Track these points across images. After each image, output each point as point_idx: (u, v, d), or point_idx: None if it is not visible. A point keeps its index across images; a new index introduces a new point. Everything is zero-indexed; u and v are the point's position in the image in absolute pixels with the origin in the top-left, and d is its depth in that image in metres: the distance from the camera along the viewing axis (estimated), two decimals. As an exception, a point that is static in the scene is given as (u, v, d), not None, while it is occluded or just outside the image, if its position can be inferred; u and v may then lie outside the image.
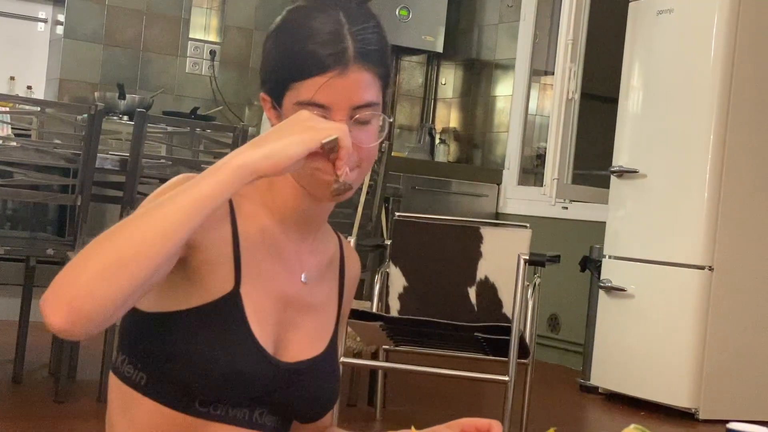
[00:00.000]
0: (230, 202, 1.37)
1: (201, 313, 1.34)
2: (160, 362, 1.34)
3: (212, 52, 6.32)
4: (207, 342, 1.32)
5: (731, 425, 1.20)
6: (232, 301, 1.34)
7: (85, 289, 1.14)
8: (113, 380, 1.40)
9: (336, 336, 1.50)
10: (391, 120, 1.35)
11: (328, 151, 1.24)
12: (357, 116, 1.34)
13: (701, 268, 4.45)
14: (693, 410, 4.41)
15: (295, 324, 1.43)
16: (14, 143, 3.68)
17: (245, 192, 1.39)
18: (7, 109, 3.91)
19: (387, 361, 3.80)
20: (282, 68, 1.36)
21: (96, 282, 1.14)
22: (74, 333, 1.15)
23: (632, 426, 1.13)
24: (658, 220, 4.62)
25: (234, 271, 1.35)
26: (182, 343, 1.33)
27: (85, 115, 3.65)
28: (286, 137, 1.22)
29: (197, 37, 6.31)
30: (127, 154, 3.76)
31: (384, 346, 3.68)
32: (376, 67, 1.36)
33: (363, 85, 1.34)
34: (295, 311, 1.43)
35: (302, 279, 1.43)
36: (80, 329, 1.15)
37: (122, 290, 1.15)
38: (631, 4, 4.90)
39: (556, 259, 3.59)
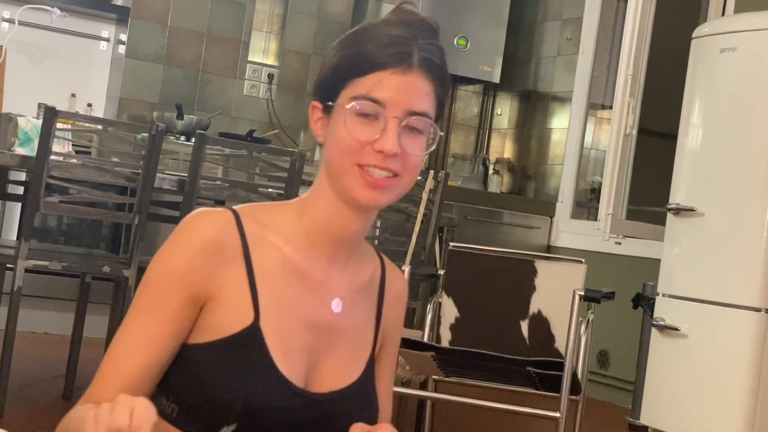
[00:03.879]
0: (243, 237, 1.36)
1: (222, 346, 1.34)
2: (188, 394, 1.34)
3: (270, 76, 6.37)
4: (227, 375, 1.32)
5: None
6: (252, 334, 1.34)
7: None
8: None
9: (373, 361, 1.47)
10: (441, 134, 1.35)
11: None
12: (410, 121, 1.33)
13: (758, 310, 4.37)
14: (745, 454, 4.33)
15: (327, 351, 1.41)
16: (75, 160, 3.72)
17: (268, 221, 1.39)
18: (69, 126, 3.96)
19: (436, 391, 3.78)
20: (342, 67, 1.35)
21: None
22: None
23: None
24: (714, 260, 4.56)
25: (252, 305, 1.35)
26: (206, 376, 1.33)
27: (145, 135, 3.69)
28: None
29: (256, 60, 6.36)
30: (184, 174, 3.78)
31: (434, 376, 3.66)
32: (435, 81, 1.36)
33: (422, 91, 1.34)
34: (325, 338, 1.41)
35: (333, 304, 1.42)
36: None
37: None
38: (693, 41, 4.85)
39: (611, 295, 3.55)
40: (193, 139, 3.82)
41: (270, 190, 4.04)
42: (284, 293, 1.37)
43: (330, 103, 1.36)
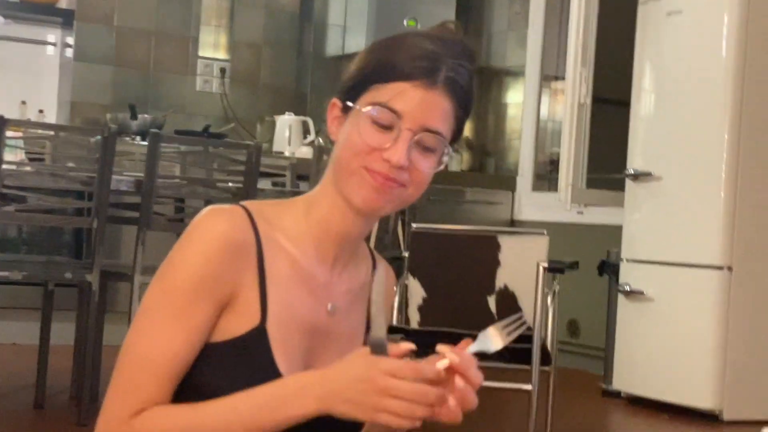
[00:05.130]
0: (257, 237, 1.35)
1: (227, 347, 1.34)
2: (186, 393, 1.33)
3: (222, 70, 6.33)
4: (230, 377, 1.32)
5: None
6: (257, 337, 1.34)
7: None
8: None
9: None
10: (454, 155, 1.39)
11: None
12: (423, 137, 1.33)
13: (720, 268, 4.42)
14: (717, 411, 4.38)
15: (322, 355, 1.41)
16: (28, 168, 3.69)
17: (276, 221, 1.39)
18: (20, 134, 3.91)
19: (408, 373, 3.78)
20: (367, 70, 1.36)
21: None
22: None
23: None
24: (674, 222, 4.60)
25: (260, 307, 1.35)
26: (207, 376, 1.33)
27: (99, 138, 3.66)
28: (381, 410, 1.19)
29: (207, 55, 6.32)
30: (142, 175, 3.76)
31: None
32: (457, 102, 1.35)
33: (442, 111, 1.33)
34: (321, 342, 1.41)
35: (328, 308, 1.42)
36: None
37: None
38: (640, 7, 4.88)
39: (575, 265, 3.57)
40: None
41: (230, 185, 4.03)
42: (290, 297, 1.37)
43: (349, 103, 1.36)
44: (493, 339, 1.27)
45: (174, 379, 1.31)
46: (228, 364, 1.33)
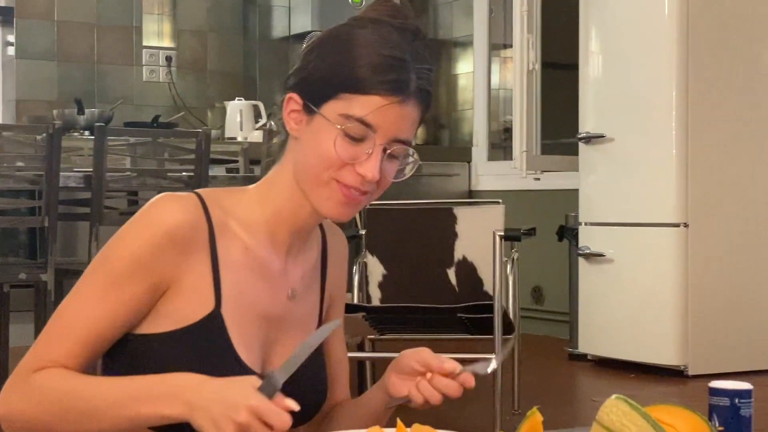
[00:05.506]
0: (210, 224, 1.36)
1: (183, 335, 1.33)
2: None
3: (168, 58, 6.27)
4: (189, 364, 1.31)
5: (713, 384, 1.19)
6: (213, 322, 1.34)
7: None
8: None
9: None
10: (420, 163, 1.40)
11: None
12: (394, 150, 1.34)
13: (676, 225, 4.45)
14: (682, 367, 4.42)
15: (280, 342, 1.42)
16: (-25, 170, 3.63)
17: (231, 208, 1.38)
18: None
19: (373, 351, 3.79)
20: (336, 75, 1.33)
21: None
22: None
23: (614, 396, 1.11)
24: (629, 183, 4.62)
25: (214, 293, 1.35)
26: (164, 366, 1.32)
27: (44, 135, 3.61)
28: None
29: (151, 44, 6.25)
30: (91, 170, 3.71)
31: (369, 336, 3.66)
32: (424, 109, 1.37)
33: (411, 121, 1.35)
34: (279, 330, 1.42)
35: (288, 294, 1.42)
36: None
37: None
38: (582, -31, 4.88)
39: (531, 232, 3.57)
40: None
41: (182, 174, 3.99)
42: (244, 285, 1.37)
43: (314, 106, 1.34)
44: None
45: (88, 346, 1.33)
46: (187, 352, 1.33)
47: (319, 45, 1.37)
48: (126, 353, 1.36)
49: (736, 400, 1.20)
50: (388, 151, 1.33)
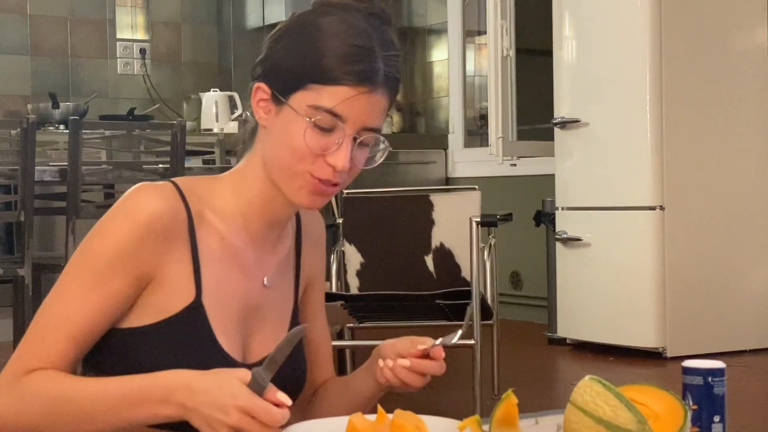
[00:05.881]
0: (189, 213, 1.36)
1: (165, 326, 1.34)
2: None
3: (142, 51, 6.25)
4: (173, 354, 1.32)
5: (686, 363, 1.21)
6: (195, 312, 1.34)
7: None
8: None
9: (296, 314, 1.49)
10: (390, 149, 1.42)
11: None
12: (364, 138, 1.34)
13: (652, 208, 4.48)
14: (660, 349, 4.45)
15: (258, 330, 1.43)
16: (-51, 166, 3.61)
17: (206, 198, 1.39)
18: (-62, 132, 3.82)
19: (353, 339, 3.80)
20: (304, 66, 1.33)
21: None
22: None
23: (587, 377, 1.12)
24: (605, 167, 4.64)
25: (195, 283, 1.35)
26: (148, 358, 1.33)
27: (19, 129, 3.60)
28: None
29: (125, 36, 6.22)
30: (66, 164, 3.70)
31: (348, 325, 3.67)
32: (392, 96, 1.37)
33: (380, 109, 1.35)
34: (256, 318, 1.42)
35: (264, 282, 1.43)
36: None
37: None
38: (554, -45, 4.89)
39: (508, 217, 3.59)
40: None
41: (159, 166, 3.98)
42: (223, 274, 1.38)
43: (282, 97, 1.34)
44: None
45: (77, 343, 1.32)
46: (170, 344, 1.33)
47: (286, 34, 1.37)
48: (111, 348, 1.36)
49: (709, 379, 1.21)
50: (359, 140, 1.34)
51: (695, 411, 1.19)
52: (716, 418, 1.20)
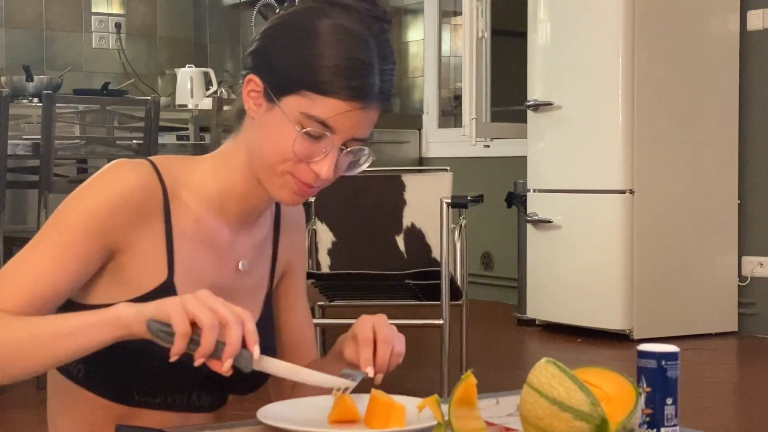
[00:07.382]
0: (164, 192, 1.36)
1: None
2: (97, 354, 1.31)
3: (117, 25, 6.22)
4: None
5: (641, 347, 1.23)
6: (166, 292, 1.33)
7: None
8: (52, 372, 1.40)
9: (270, 297, 1.50)
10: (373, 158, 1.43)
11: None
12: (351, 148, 1.34)
13: (622, 192, 4.53)
14: (627, 331, 4.51)
15: None
16: None
17: (184, 178, 1.39)
18: None
19: (324, 317, 3.82)
20: (300, 71, 1.31)
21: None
22: None
23: (544, 360, 1.15)
24: (576, 150, 4.68)
25: (167, 262, 1.35)
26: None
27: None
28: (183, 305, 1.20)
29: (100, 10, 6.19)
30: (39, 138, 3.70)
31: (319, 303, 3.69)
32: (385, 109, 1.36)
33: (371, 122, 1.34)
34: (229, 297, 1.38)
35: (240, 267, 1.43)
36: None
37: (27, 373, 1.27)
38: (530, -62, 4.91)
39: (478, 199, 3.62)
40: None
41: (132, 141, 3.98)
42: (196, 255, 1.38)
43: (275, 96, 1.33)
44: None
45: (34, 299, 1.30)
46: None
47: (284, 32, 1.34)
48: None
49: (663, 362, 1.24)
50: (348, 150, 1.34)
51: (649, 393, 1.22)
52: (669, 401, 1.23)
